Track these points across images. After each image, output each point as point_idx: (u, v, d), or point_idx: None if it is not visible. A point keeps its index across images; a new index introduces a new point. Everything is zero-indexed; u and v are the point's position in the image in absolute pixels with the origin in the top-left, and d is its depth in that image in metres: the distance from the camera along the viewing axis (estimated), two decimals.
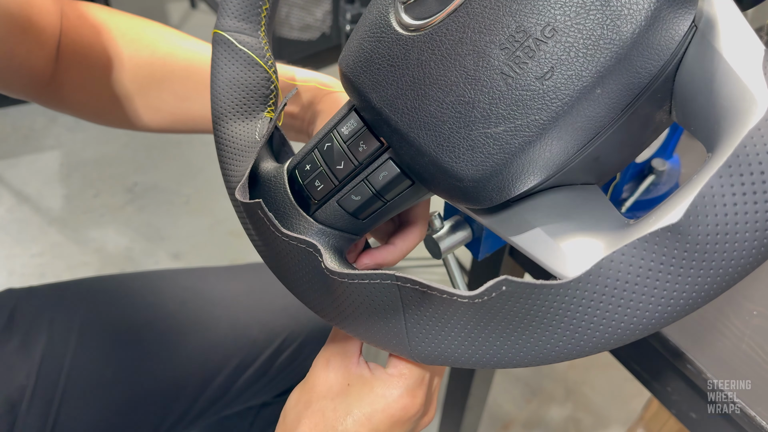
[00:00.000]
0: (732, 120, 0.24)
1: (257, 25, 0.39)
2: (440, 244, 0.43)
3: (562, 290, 0.26)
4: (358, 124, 0.34)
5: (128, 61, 0.50)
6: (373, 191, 0.34)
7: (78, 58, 0.49)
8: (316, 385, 0.36)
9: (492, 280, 0.27)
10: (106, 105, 0.51)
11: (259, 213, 0.33)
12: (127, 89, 0.50)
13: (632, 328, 0.25)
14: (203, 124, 0.52)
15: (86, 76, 0.50)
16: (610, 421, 1.23)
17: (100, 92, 0.50)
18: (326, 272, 0.31)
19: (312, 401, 0.35)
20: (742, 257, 0.23)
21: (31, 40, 0.45)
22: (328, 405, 0.35)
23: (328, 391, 0.35)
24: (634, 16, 0.25)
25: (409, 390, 0.35)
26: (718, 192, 0.22)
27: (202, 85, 0.51)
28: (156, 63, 0.50)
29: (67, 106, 0.52)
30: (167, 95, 0.51)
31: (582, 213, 0.30)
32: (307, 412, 0.35)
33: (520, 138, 0.27)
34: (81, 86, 0.50)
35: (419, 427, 0.37)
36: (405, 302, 0.30)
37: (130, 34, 0.50)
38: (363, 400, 0.34)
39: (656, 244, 0.24)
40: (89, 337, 0.59)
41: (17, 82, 0.47)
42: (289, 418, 0.35)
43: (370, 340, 0.33)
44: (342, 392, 0.35)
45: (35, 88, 0.48)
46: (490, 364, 0.29)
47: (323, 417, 0.34)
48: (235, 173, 0.39)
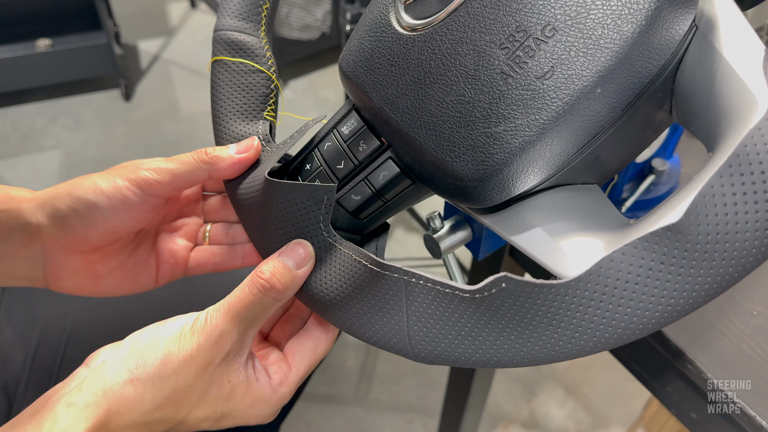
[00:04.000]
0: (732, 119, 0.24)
1: (257, 25, 0.39)
2: (440, 244, 0.43)
3: (562, 290, 0.26)
4: (358, 124, 0.34)
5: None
6: (373, 191, 0.34)
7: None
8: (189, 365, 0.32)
9: (492, 276, 0.27)
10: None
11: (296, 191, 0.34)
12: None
13: (632, 327, 0.25)
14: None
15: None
16: (610, 421, 1.23)
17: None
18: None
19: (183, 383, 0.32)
20: (742, 257, 0.23)
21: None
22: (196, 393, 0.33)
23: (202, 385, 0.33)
24: (634, 15, 0.25)
25: (278, 411, 0.35)
26: (719, 192, 0.22)
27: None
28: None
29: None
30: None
31: (582, 213, 0.30)
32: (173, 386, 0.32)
33: (520, 137, 0.27)
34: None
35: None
36: (409, 299, 0.30)
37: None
38: (240, 404, 0.34)
39: (656, 243, 0.24)
40: (83, 327, 0.60)
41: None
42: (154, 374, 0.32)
43: (369, 338, 0.33)
44: (224, 395, 0.33)
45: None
46: (490, 363, 0.29)
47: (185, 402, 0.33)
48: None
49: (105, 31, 1.84)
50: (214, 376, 0.32)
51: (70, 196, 0.37)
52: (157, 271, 0.44)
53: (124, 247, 0.42)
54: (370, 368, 1.32)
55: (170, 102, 2.03)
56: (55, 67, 1.86)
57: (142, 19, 2.44)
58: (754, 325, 0.47)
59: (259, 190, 0.36)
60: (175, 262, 0.44)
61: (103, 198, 0.37)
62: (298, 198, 0.34)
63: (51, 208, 0.38)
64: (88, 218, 0.37)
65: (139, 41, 2.31)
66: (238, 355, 0.33)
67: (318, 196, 0.33)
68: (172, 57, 2.25)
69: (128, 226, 0.39)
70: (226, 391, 0.33)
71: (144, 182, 0.37)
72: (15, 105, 1.98)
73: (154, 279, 0.44)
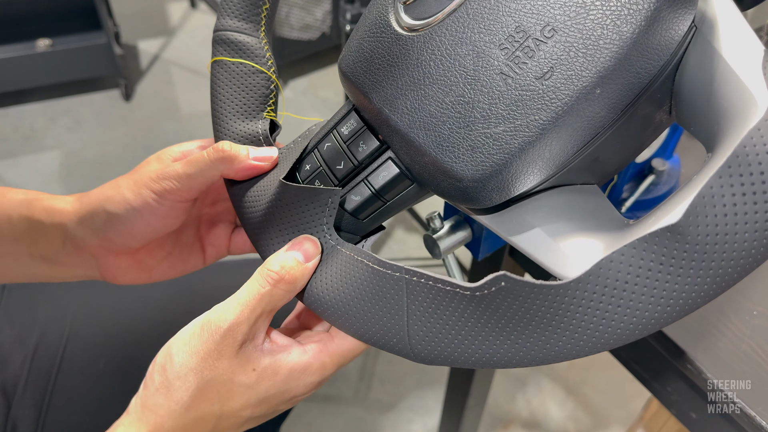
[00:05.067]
0: (732, 120, 0.24)
1: (257, 25, 0.39)
2: (440, 244, 0.43)
3: (561, 291, 0.26)
4: (357, 124, 0.34)
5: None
6: (372, 191, 0.34)
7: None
8: (218, 360, 0.33)
9: (492, 274, 0.27)
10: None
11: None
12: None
13: (632, 328, 0.25)
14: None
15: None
16: (610, 421, 1.23)
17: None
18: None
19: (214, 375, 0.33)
20: (741, 257, 0.23)
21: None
22: (233, 389, 0.33)
23: (232, 373, 0.33)
24: (634, 16, 0.25)
25: (323, 380, 0.35)
26: (718, 192, 0.22)
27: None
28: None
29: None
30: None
31: (582, 213, 0.30)
32: (203, 383, 0.32)
33: (519, 138, 0.27)
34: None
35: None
36: (410, 297, 0.30)
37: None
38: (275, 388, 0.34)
39: (656, 244, 0.24)
40: (82, 328, 0.60)
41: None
42: (177, 380, 0.32)
43: (368, 339, 0.33)
44: (251, 383, 0.33)
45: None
46: (489, 363, 0.29)
47: (226, 397, 0.33)
48: None
49: (105, 31, 1.84)
50: (235, 367, 0.33)
51: (105, 212, 0.39)
52: (203, 254, 0.46)
53: (168, 239, 0.44)
54: (370, 368, 1.32)
55: (170, 102, 2.03)
56: (55, 67, 1.86)
57: (142, 19, 2.44)
58: (754, 325, 0.47)
59: (263, 190, 0.36)
60: (219, 243, 0.46)
61: (132, 212, 0.39)
62: (303, 200, 0.34)
63: (90, 224, 0.40)
64: (123, 231, 0.40)
65: (139, 41, 2.31)
66: (253, 342, 0.33)
67: (323, 199, 0.33)
68: (172, 57, 2.25)
69: (163, 229, 0.40)
70: (252, 378, 0.33)
71: (166, 192, 0.38)
72: (15, 105, 1.98)
73: (202, 261, 0.46)
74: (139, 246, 0.41)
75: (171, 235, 0.44)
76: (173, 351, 0.33)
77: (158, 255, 0.44)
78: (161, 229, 0.40)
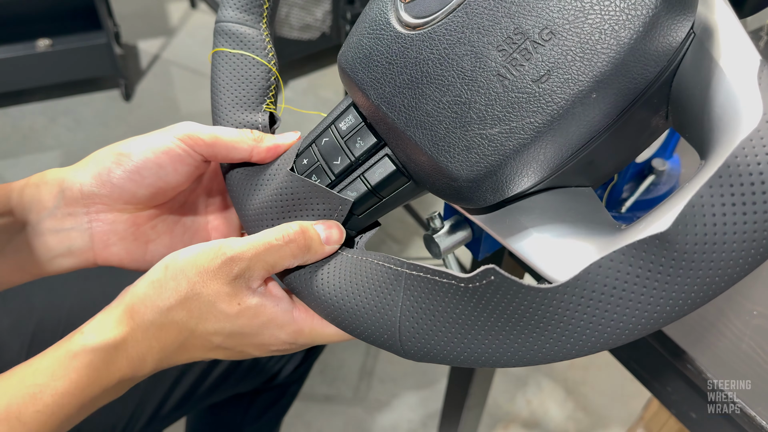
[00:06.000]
0: (725, 129, 0.24)
1: (259, 17, 0.40)
2: (440, 244, 0.43)
3: (550, 294, 0.26)
4: (356, 120, 0.34)
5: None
6: (369, 187, 0.34)
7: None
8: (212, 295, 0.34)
9: (484, 266, 0.27)
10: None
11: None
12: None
13: (618, 333, 0.25)
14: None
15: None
16: (610, 421, 1.23)
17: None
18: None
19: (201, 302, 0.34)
20: (729, 267, 0.23)
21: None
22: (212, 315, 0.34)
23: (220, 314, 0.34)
24: (632, 21, 0.24)
25: (293, 346, 0.36)
26: (708, 202, 0.23)
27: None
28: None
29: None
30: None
31: (574, 216, 0.31)
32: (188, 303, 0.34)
33: (515, 140, 0.27)
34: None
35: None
36: (406, 293, 0.31)
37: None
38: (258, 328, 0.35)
39: (644, 251, 0.24)
40: (79, 316, 0.60)
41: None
42: (168, 293, 0.34)
43: (360, 334, 0.33)
44: (231, 313, 0.34)
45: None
46: (478, 362, 0.29)
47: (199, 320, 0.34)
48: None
49: (105, 31, 1.84)
50: (222, 294, 0.33)
51: (113, 152, 0.38)
52: (208, 239, 0.45)
53: (171, 211, 0.43)
54: (370, 368, 1.32)
55: (170, 102, 2.03)
56: (55, 67, 1.86)
57: (142, 19, 2.44)
58: (754, 325, 0.47)
59: (265, 181, 0.37)
60: (227, 232, 0.46)
61: (147, 151, 0.38)
62: (314, 199, 0.35)
63: (95, 166, 0.38)
64: (132, 171, 0.38)
65: (139, 41, 2.31)
66: (248, 281, 0.34)
67: (334, 204, 0.34)
68: (172, 57, 2.25)
69: (173, 181, 0.39)
70: (234, 310, 0.34)
71: (188, 136, 0.38)
72: (15, 105, 1.98)
73: None
74: (144, 198, 0.39)
75: (175, 209, 0.43)
76: (179, 256, 0.34)
77: (159, 227, 0.42)
78: (171, 183, 0.39)
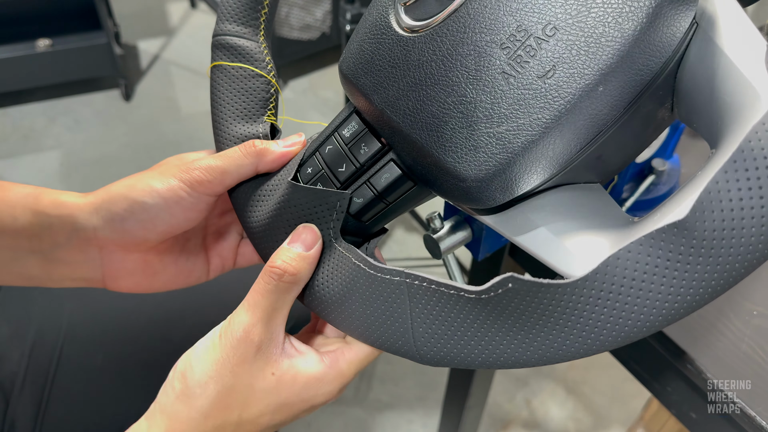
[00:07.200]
0: (735, 116, 0.24)
1: (256, 29, 0.39)
2: (440, 244, 0.43)
3: (569, 289, 0.26)
4: (359, 126, 0.34)
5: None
6: (375, 193, 0.34)
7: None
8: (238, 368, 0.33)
9: (498, 276, 0.27)
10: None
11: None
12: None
13: (639, 325, 0.25)
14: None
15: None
16: (610, 421, 1.23)
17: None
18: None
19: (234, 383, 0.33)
20: (749, 252, 0.23)
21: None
22: (251, 394, 0.33)
23: (252, 380, 0.33)
24: (635, 13, 0.25)
25: (342, 388, 0.35)
26: (724, 187, 0.23)
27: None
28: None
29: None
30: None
31: (586, 211, 0.30)
32: (223, 389, 0.33)
33: (522, 137, 0.27)
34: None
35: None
36: (412, 301, 0.30)
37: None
38: (294, 396, 0.34)
39: (663, 240, 0.24)
40: (79, 324, 0.60)
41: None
42: (198, 386, 0.33)
43: (373, 342, 0.33)
44: (270, 388, 0.33)
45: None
46: (496, 364, 0.29)
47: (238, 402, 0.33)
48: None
49: (105, 31, 1.84)
50: (254, 372, 0.33)
51: (126, 200, 0.38)
52: (208, 265, 0.45)
53: (176, 243, 0.43)
54: (370, 368, 1.32)
55: (170, 102, 2.03)
56: (55, 67, 1.86)
57: (142, 19, 2.44)
58: (754, 325, 0.47)
59: (267, 193, 0.36)
60: (225, 255, 0.45)
61: (159, 200, 0.37)
62: (311, 202, 0.34)
63: (107, 212, 0.38)
64: (146, 220, 0.38)
65: (139, 41, 2.31)
66: (272, 345, 0.33)
67: (331, 202, 0.34)
68: (172, 57, 2.25)
69: (184, 224, 0.39)
70: (272, 383, 0.33)
71: (197, 183, 0.37)
72: (15, 105, 1.98)
73: (206, 272, 0.45)
74: (156, 241, 0.40)
75: (180, 240, 0.43)
76: (193, 359, 0.33)
77: (166, 259, 0.43)
78: (183, 224, 0.39)
